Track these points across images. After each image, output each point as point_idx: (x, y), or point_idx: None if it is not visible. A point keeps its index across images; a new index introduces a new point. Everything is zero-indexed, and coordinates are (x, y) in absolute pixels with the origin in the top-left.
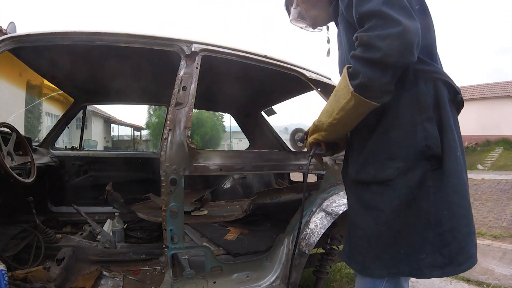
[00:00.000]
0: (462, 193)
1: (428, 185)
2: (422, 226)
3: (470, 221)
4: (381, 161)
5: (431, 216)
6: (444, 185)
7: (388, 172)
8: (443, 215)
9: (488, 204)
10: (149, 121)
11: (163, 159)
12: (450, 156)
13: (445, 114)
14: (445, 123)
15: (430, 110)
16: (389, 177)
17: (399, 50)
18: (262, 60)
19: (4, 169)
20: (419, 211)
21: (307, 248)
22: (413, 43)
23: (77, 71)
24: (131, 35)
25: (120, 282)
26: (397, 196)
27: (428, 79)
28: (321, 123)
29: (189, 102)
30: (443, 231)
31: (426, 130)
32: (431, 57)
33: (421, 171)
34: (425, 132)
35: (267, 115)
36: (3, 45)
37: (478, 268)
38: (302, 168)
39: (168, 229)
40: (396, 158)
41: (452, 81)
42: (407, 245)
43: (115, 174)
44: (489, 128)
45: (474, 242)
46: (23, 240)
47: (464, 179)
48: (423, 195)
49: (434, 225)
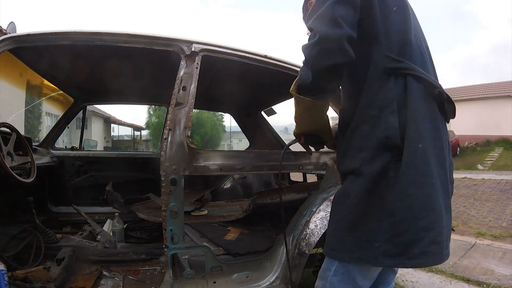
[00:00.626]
0: (419, 185)
1: (389, 176)
2: (380, 214)
3: (431, 216)
4: (353, 153)
5: (388, 205)
6: (401, 175)
7: (355, 162)
8: (396, 205)
9: (488, 204)
10: (149, 121)
11: (163, 159)
12: (409, 147)
13: (412, 107)
14: (410, 116)
15: (394, 104)
16: (355, 167)
17: (314, 56)
18: (262, 60)
19: (4, 169)
20: (380, 200)
21: (307, 248)
22: (329, 49)
23: (77, 71)
24: (131, 35)
25: (120, 282)
26: (360, 183)
27: (398, 76)
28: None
29: (189, 102)
30: (395, 221)
31: (388, 122)
32: (403, 54)
33: (383, 162)
34: (386, 124)
35: (267, 115)
36: (3, 45)
37: (478, 268)
38: (302, 168)
39: (168, 229)
40: (363, 149)
41: (427, 76)
42: (367, 232)
43: (115, 174)
44: (489, 128)
45: (437, 239)
46: (23, 240)
47: (425, 171)
48: (384, 185)
49: (388, 214)
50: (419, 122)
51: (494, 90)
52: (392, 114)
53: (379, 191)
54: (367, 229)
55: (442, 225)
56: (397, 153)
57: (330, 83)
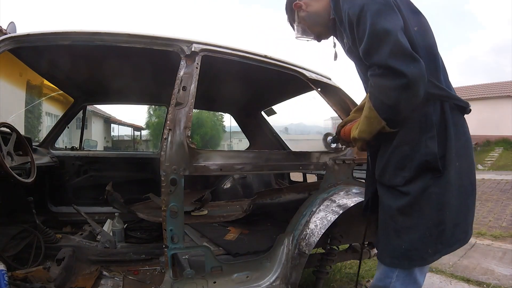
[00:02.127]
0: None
1: (430, 192)
2: (428, 224)
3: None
4: (394, 170)
5: (435, 217)
6: (445, 191)
7: (398, 180)
8: (446, 215)
9: (488, 204)
10: (149, 121)
11: (163, 159)
12: (449, 167)
13: (450, 132)
14: (448, 140)
15: (433, 129)
16: (398, 184)
17: (407, 99)
18: (262, 60)
19: (4, 169)
20: (423, 211)
21: (307, 248)
22: (419, 89)
23: (77, 71)
24: (131, 35)
25: (120, 282)
26: (405, 199)
27: (436, 101)
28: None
29: (189, 102)
30: (444, 228)
31: (427, 147)
32: (438, 77)
33: (424, 180)
34: (426, 149)
35: (267, 115)
36: (3, 45)
37: (478, 268)
38: (302, 168)
39: (168, 229)
40: (404, 169)
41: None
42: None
43: (115, 174)
44: (489, 128)
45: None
46: (23, 240)
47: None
48: (426, 199)
49: (437, 223)
50: (456, 143)
51: (494, 90)
52: (431, 140)
53: (421, 204)
54: (418, 237)
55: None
56: (437, 171)
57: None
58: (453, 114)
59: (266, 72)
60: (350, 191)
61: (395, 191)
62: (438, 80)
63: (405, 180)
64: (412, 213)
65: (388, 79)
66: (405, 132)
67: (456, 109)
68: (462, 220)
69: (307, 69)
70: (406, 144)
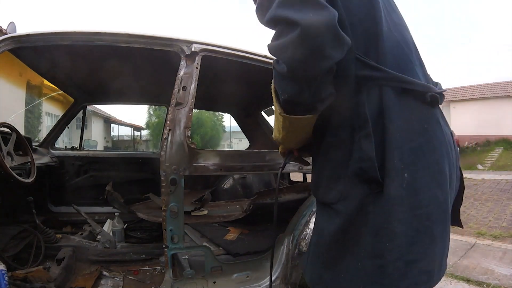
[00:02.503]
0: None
1: (367, 211)
2: (360, 255)
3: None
4: (327, 183)
5: (369, 245)
6: (387, 213)
7: (332, 195)
8: (385, 246)
9: (488, 204)
10: (149, 121)
11: (163, 159)
12: (392, 179)
13: (392, 127)
14: (388, 140)
15: (368, 125)
16: (332, 201)
17: (302, 59)
18: (262, 60)
19: (4, 169)
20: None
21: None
22: (319, 44)
23: (77, 71)
24: (131, 35)
25: (120, 282)
26: (335, 222)
27: (372, 87)
28: (276, 138)
29: (189, 102)
30: (383, 264)
31: (362, 150)
32: (374, 53)
33: (359, 195)
34: (360, 152)
35: (267, 115)
36: (3, 45)
37: (478, 268)
38: (301, 168)
39: (168, 229)
40: (339, 180)
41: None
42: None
43: (115, 174)
44: (489, 128)
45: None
46: (23, 240)
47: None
48: (362, 222)
49: (373, 256)
50: (403, 145)
51: (493, 90)
52: (366, 139)
53: (356, 229)
54: (345, 269)
55: (434, 251)
56: (376, 185)
57: (330, 87)
58: (402, 103)
59: (266, 72)
60: None
61: (329, 209)
62: (378, 61)
63: (340, 195)
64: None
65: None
66: (333, 132)
67: (407, 96)
68: (420, 255)
69: None
70: (335, 148)
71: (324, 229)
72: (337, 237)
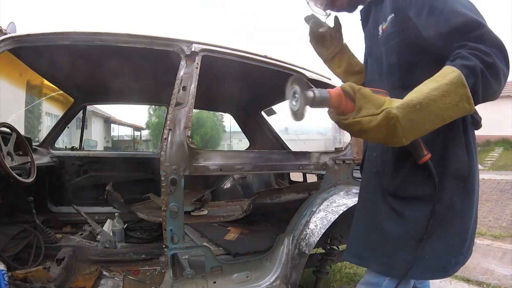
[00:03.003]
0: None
1: (454, 201)
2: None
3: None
4: (420, 180)
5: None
6: (469, 200)
7: (424, 189)
8: (470, 224)
9: (488, 204)
10: (149, 121)
11: (163, 159)
12: (473, 176)
13: (470, 139)
14: (470, 148)
15: (461, 137)
16: (426, 193)
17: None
18: (262, 60)
19: (4, 169)
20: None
21: (307, 248)
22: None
23: (77, 71)
24: (131, 35)
25: (120, 282)
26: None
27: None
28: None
29: (189, 102)
30: (467, 237)
31: (457, 155)
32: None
33: (450, 189)
34: (455, 157)
35: (267, 115)
36: (3, 45)
37: (478, 268)
38: (302, 168)
39: (168, 229)
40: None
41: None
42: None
43: (115, 174)
44: (489, 128)
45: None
46: (23, 240)
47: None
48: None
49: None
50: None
51: None
52: (459, 148)
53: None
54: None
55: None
56: (461, 181)
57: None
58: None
59: (266, 72)
60: (350, 191)
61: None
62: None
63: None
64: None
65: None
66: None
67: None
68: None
69: (307, 69)
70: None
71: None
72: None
